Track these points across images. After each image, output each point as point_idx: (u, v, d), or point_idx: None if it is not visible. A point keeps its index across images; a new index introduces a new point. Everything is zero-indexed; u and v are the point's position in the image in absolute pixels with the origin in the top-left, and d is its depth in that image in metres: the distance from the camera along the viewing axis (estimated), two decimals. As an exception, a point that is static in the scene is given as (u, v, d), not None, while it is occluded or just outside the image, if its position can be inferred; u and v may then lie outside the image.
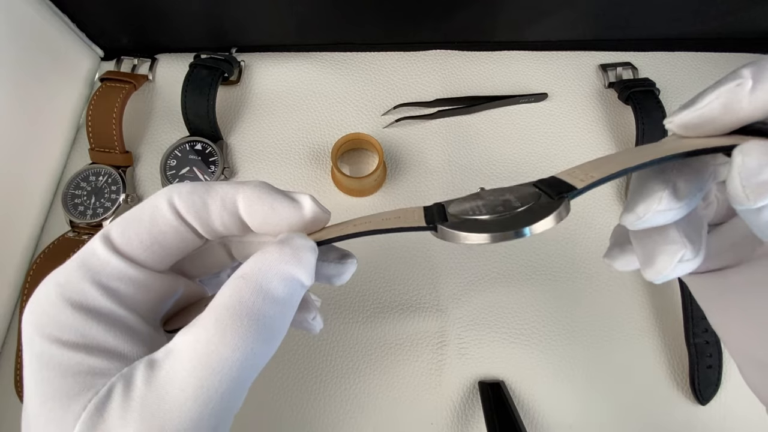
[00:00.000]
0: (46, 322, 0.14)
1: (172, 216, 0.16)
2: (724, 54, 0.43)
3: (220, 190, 0.16)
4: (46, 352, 0.14)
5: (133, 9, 0.38)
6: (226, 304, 0.14)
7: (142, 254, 0.16)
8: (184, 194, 0.16)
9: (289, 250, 0.15)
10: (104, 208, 0.37)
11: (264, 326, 0.14)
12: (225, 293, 0.15)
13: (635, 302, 0.35)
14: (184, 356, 0.14)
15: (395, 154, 0.39)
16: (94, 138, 0.38)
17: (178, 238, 0.16)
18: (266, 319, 0.14)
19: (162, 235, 0.16)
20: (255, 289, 0.14)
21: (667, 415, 0.33)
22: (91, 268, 0.15)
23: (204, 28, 0.41)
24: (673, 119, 0.15)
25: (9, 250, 0.35)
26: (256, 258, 0.15)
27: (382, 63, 0.42)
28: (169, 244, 0.16)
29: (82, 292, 0.15)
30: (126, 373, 0.14)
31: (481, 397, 0.32)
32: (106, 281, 0.15)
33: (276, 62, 0.42)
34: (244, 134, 0.40)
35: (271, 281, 0.15)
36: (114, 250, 0.16)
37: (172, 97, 0.41)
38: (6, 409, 0.33)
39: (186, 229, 0.16)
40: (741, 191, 0.13)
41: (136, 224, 0.16)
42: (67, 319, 0.14)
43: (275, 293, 0.15)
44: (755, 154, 0.12)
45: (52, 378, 0.14)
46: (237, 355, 0.14)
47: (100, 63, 0.43)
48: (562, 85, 0.42)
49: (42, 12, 0.36)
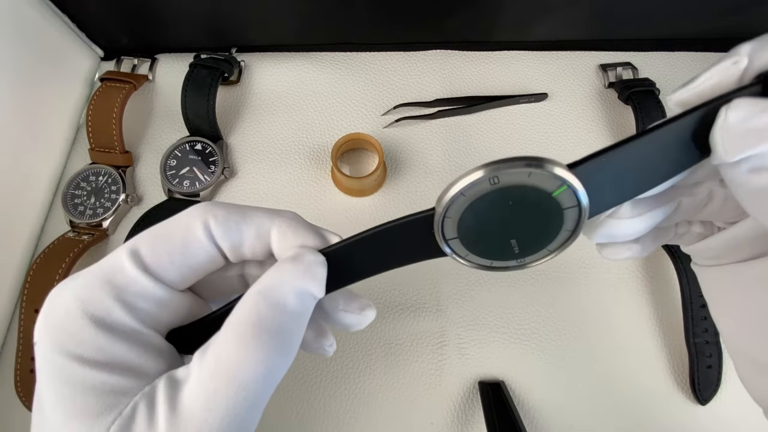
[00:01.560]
0: (67, 339, 0.14)
1: (206, 239, 0.16)
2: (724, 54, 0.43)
3: (256, 218, 0.16)
4: (67, 369, 0.14)
5: (133, 9, 0.38)
6: (245, 320, 0.14)
7: (170, 274, 0.16)
8: (220, 218, 0.16)
9: (302, 266, 0.15)
10: (104, 208, 0.37)
11: (282, 341, 0.14)
12: (244, 309, 0.15)
13: (635, 302, 0.35)
14: (207, 375, 0.14)
15: (395, 154, 0.39)
16: (94, 138, 0.38)
17: (207, 260, 0.16)
18: (284, 333, 0.15)
19: (193, 256, 0.16)
20: (273, 305, 0.15)
21: (667, 415, 0.33)
22: (117, 285, 0.15)
23: (204, 28, 0.41)
24: (671, 97, 0.15)
25: (9, 250, 0.35)
26: (272, 274, 0.15)
27: (382, 63, 0.42)
28: (197, 265, 0.16)
29: (107, 309, 0.15)
30: (148, 392, 0.14)
31: (481, 397, 0.32)
32: (132, 299, 0.15)
33: (276, 62, 0.42)
34: (244, 134, 0.40)
35: (287, 296, 0.15)
36: (143, 268, 0.15)
37: (172, 97, 0.41)
38: (6, 409, 0.33)
39: (216, 252, 0.16)
40: (720, 145, 0.13)
41: (168, 243, 0.16)
42: (89, 337, 0.14)
43: (291, 308, 0.15)
44: (741, 107, 0.12)
45: (74, 396, 0.14)
46: (260, 370, 0.14)
47: (100, 63, 0.43)
48: (562, 85, 0.42)
49: (42, 12, 0.36)
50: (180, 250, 0.16)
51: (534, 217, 0.15)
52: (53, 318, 0.15)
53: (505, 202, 0.14)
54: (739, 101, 0.13)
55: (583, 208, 0.15)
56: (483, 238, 0.16)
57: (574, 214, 0.15)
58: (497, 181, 0.14)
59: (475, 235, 0.15)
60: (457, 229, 0.15)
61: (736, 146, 0.13)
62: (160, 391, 0.14)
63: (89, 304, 0.15)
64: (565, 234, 0.16)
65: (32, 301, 0.33)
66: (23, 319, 0.33)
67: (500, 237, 0.16)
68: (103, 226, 0.37)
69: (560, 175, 0.14)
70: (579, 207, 0.15)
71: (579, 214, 0.15)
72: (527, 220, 0.15)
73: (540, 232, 0.15)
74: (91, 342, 0.14)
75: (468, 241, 0.16)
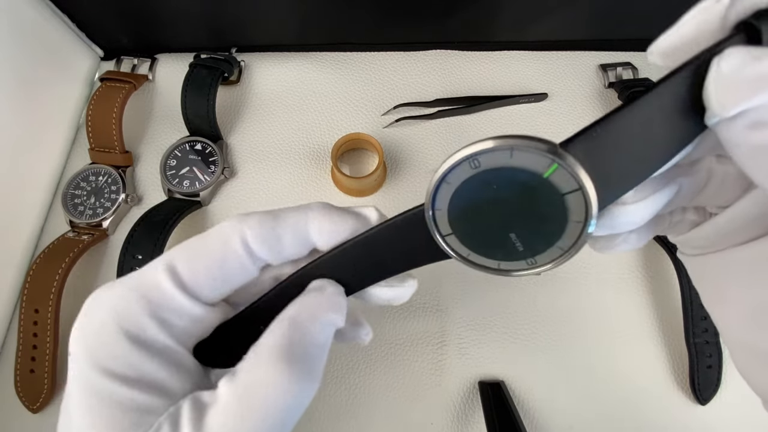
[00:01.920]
0: (101, 352, 0.14)
1: (244, 252, 0.16)
2: None
3: (289, 218, 0.16)
4: (97, 382, 0.14)
5: (133, 9, 0.38)
6: (275, 347, 0.14)
7: (207, 290, 0.16)
8: (255, 228, 0.16)
9: (327, 298, 0.16)
10: (104, 208, 0.37)
11: (310, 369, 0.15)
12: (274, 336, 0.15)
13: (635, 302, 0.35)
14: (234, 400, 0.14)
15: (395, 154, 0.39)
16: (94, 138, 0.38)
17: (245, 273, 0.16)
18: (311, 361, 0.15)
19: (231, 271, 0.16)
20: (301, 334, 0.15)
21: (667, 415, 0.33)
22: (152, 301, 0.15)
23: (204, 28, 0.41)
24: (652, 48, 0.14)
25: (9, 250, 0.35)
26: (300, 304, 0.16)
27: (382, 63, 0.42)
28: (234, 279, 0.16)
29: (141, 326, 0.15)
30: (173, 413, 0.14)
31: (481, 397, 0.32)
32: (167, 317, 0.15)
33: (276, 62, 0.42)
34: (244, 134, 0.40)
35: (314, 326, 0.15)
36: (181, 286, 0.15)
37: (172, 97, 0.41)
38: (6, 409, 0.33)
39: (252, 263, 0.16)
40: (714, 99, 0.12)
41: (206, 260, 0.16)
42: (122, 353, 0.14)
43: (318, 337, 0.15)
44: (735, 55, 0.11)
45: (101, 409, 0.14)
46: (288, 398, 0.14)
47: (100, 63, 0.43)
48: (562, 85, 0.42)
49: (42, 12, 0.36)
50: (219, 267, 0.16)
51: (529, 205, 0.14)
52: (89, 329, 0.15)
53: (490, 187, 0.13)
54: (731, 50, 0.12)
55: (586, 191, 0.13)
56: (479, 232, 0.15)
57: (578, 200, 0.13)
58: (478, 164, 0.13)
59: (469, 228, 0.15)
60: (449, 223, 0.15)
61: (731, 98, 0.11)
62: (185, 413, 0.14)
63: (124, 319, 0.15)
64: (575, 227, 0.14)
65: (32, 301, 0.33)
66: (23, 319, 0.33)
67: (498, 231, 0.14)
68: (103, 226, 0.37)
69: (543, 149, 0.12)
70: (582, 191, 0.13)
71: (584, 199, 0.13)
72: (523, 210, 0.14)
73: (540, 222, 0.14)
74: (123, 358, 0.14)
75: (465, 237, 0.15)
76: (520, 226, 0.14)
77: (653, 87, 0.13)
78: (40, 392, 0.32)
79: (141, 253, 0.33)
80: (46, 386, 0.32)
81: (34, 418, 0.33)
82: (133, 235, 0.33)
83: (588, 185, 0.13)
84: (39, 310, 0.33)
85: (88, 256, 0.36)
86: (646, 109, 0.13)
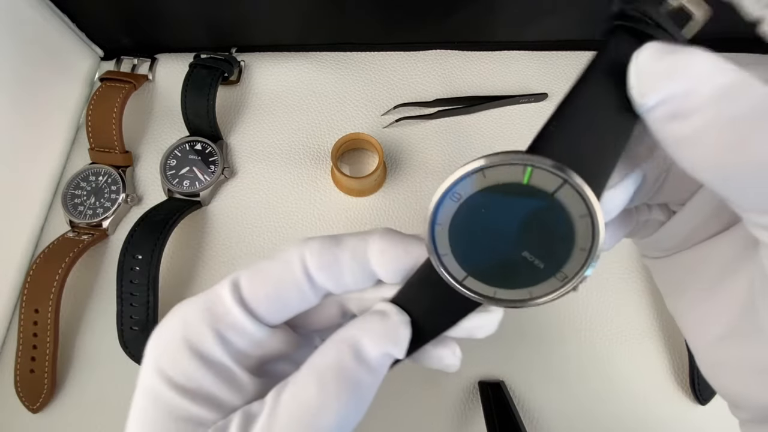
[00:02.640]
0: (164, 359, 0.15)
1: (303, 277, 0.16)
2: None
3: (350, 241, 0.16)
4: (156, 387, 0.15)
5: (133, 9, 0.38)
6: (328, 367, 0.14)
7: (264, 309, 0.16)
8: (315, 249, 0.16)
9: (389, 325, 0.15)
10: (104, 208, 0.37)
11: (360, 395, 0.15)
12: (327, 356, 0.15)
13: (635, 302, 0.35)
14: (283, 417, 0.14)
15: (395, 154, 0.39)
16: (93, 138, 0.38)
17: (302, 299, 0.16)
18: (362, 388, 0.15)
19: (289, 295, 0.16)
20: (355, 358, 0.15)
21: (667, 415, 0.33)
22: (214, 313, 0.15)
23: (204, 28, 0.41)
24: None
25: (9, 250, 0.35)
26: (359, 325, 0.15)
27: (382, 63, 0.42)
28: (292, 304, 0.16)
29: (201, 337, 0.15)
30: (222, 427, 0.14)
31: (481, 397, 0.32)
32: (225, 331, 0.15)
33: (276, 62, 0.42)
34: (244, 134, 0.40)
35: (370, 352, 0.15)
36: (239, 300, 0.15)
37: (172, 97, 0.41)
38: (6, 409, 0.33)
39: (310, 289, 0.16)
40: (635, 89, 0.12)
41: (267, 280, 0.16)
42: (182, 362, 0.15)
43: (373, 364, 0.15)
44: (651, 48, 0.12)
45: (155, 415, 0.14)
46: (335, 419, 0.14)
47: (100, 63, 0.43)
48: (562, 85, 0.42)
49: (42, 12, 0.36)
50: (276, 289, 0.16)
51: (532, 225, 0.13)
52: (163, 336, 0.15)
53: (495, 206, 0.13)
54: (648, 44, 0.12)
55: (572, 179, 0.12)
56: (478, 253, 0.14)
57: (570, 193, 0.13)
58: (459, 197, 0.13)
59: (469, 248, 0.14)
60: (449, 240, 0.14)
61: (647, 88, 0.12)
62: (233, 427, 0.14)
63: (188, 330, 0.15)
64: (584, 223, 0.13)
65: (32, 301, 0.33)
66: (23, 319, 0.33)
67: (499, 253, 0.14)
68: (103, 226, 0.37)
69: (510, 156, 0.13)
70: (568, 182, 0.13)
71: (577, 191, 0.13)
72: (526, 231, 0.13)
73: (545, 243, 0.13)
74: (182, 368, 0.15)
75: (463, 257, 0.14)
76: (524, 246, 0.14)
77: (583, 74, 0.13)
78: (40, 392, 0.32)
79: (141, 253, 0.33)
80: (46, 386, 0.32)
81: (34, 418, 0.33)
82: (133, 235, 0.33)
83: (571, 175, 0.13)
84: (39, 310, 0.33)
85: (88, 256, 0.36)
86: (586, 95, 0.13)
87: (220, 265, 0.36)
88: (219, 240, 0.37)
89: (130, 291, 0.33)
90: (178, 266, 0.36)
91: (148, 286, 0.32)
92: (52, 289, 0.33)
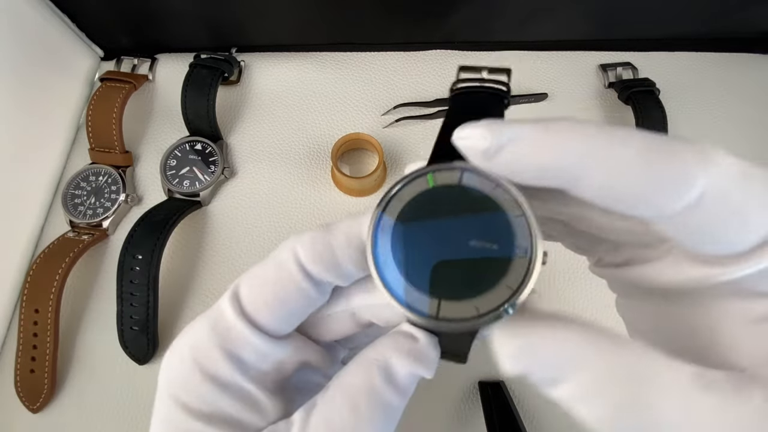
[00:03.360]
0: (178, 385, 0.15)
1: (299, 273, 0.15)
2: (724, 54, 0.43)
3: (341, 226, 0.15)
4: (173, 415, 0.14)
5: (133, 9, 0.38)
6: (360, 389, 0.14)
7: (269, 319, 0.15)
8: (306, 242, 0.15)
9: (419, 347, 0.15)
10: (104, 208, 0.37)
11: (390, 416, 0.14)
12: (357, 377, 0.14)
13: (635, 302, 0.35)
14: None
15: (395, 154, 0.39)
16: (94, 138, 0.38)
17: (304, 298, 0.15)
18: (392, 409, 0.14)
19: (289, 296, 0.15)
20: (386, 380, 0.14)
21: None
22: (219, 331, 0.15)
23: (204, 28, 0.41)
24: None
25: (9, 250, 0.35)
26: (388, 345, 0.15)
27: (382, 63, 0.42)
28: (295, 306, 0.15)
29: (212, 359, 0.15)
30: None
31: (481, 397, 0.32)
32: (232, 348, 0.15)
33: (276, 62, 0.42)
34: (244, 134, 0.40)
35: (399, 373, 0.14)
36: (241, 313, 0.15)
37: (172, 97, 0.41)
38: (6, 409, 0.33)
39: (311, 285, 0.15)
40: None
41: (264, 285, 0.15)
42: (196, 386, 0.14)
43: (402, 385, 0.15)
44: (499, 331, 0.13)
45: None
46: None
47: (100, 63, 0.43)
48: (562, 85, 0.42)
49: (42, 12, 0.36)
50: (274, 292, 0.15)
51: (472, 228, 0.13)
52: (171, 362, 0.15)
53: (439, 208, 0.13)
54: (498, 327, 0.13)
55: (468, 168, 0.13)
56: (423, 259, 0.13)
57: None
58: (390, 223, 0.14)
59: (413, 254, 0.13)
60: (391, 246, 0.14)
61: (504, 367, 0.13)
62: None
63: (198, 352, 0.15)
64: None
65: (32, 301, 0.33)
66: (23, 319, 0.33)
67: (444, 258, 0.13)
68: (103, 226, 0.37)
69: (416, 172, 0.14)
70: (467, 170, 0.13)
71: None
72: (465, 234, 0.13)
73: (484, 251, 0.13)
74: (197, 393, 0.14)
75: (406, 266, 0.14)
76: (464, 248, 0.13)
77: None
78: (40, 392, 0.32)
79: (141, 253, 0.33)
80: (46, 386, 0.32)
81: (34, 418, 0.33)
82: (133, 235, 0.33)
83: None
84: (39, 310, 0.33)
85: (88, 256, 0.36)
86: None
87: (220, 265, 0.36)
88: (219, 240, 0.37)
89: (130, 291, 0.33)
90: (178, 266, 0.36)
91: (148, 286, 0.32)
92: (52, 289, 0.33)
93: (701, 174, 0.11)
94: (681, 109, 0.40)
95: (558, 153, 0.12)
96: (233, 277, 0.36)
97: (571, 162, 0.12)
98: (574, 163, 0.12)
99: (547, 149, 0.12)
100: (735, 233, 0.11)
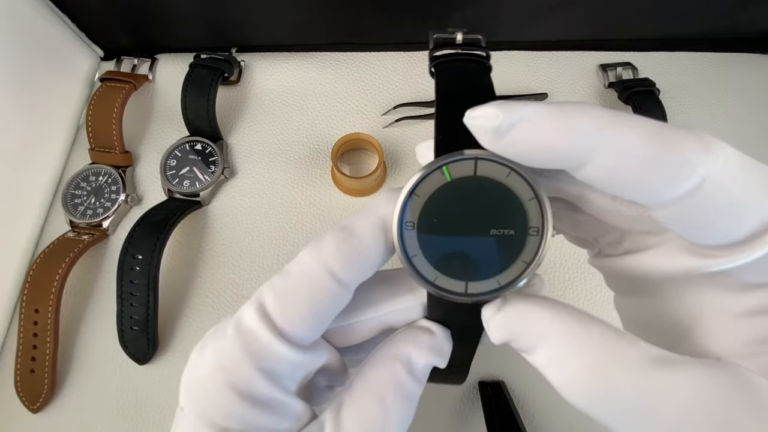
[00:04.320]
0: (213, 410, 0.15)
1: (333, 282, 0.15)
2: (724, 54, 0.43)
3: (360, 222, 0.15)
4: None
5: (133, 9, 0.38)
6: (386, 384, 0.15)
7: (302, 333, 0.15)
8: (332, 252, 0.15)
9: (436, 339, 0.16)
10: (104, 208, 0.37)
11: (412, 405, 0.16)
12: (383, 372, 0.15)
13: (635, 302, 0.35)
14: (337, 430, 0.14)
15: (395, 154, 0.39)
16: (94, 138, 0.38)
17: (335, 303, 0.15)
18: (414, 398, 0.16)
19: (322, 306, 0.15)
20: (408, 372, 0.15)
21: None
22: (253, 351, 0.15)
23: (204, 28, 0.41)
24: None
25: (9, 250, 0.35)
26: (407, 340, 0.16)
27: (382, 63, 0.42)
28: (328, 313, 0.15)
29: (248, 379, 0.15)
30: None
31: (481, 397, 0.32)
32: (269, 366, 0.15)
33: (276, 62, 0.42)
34: (244, 134, 0.40)
35: (419, 365, 0.16)
36: (275, 331, 0.15)
37: (172, 97, 0.41)
38: (6, 409, 0.33)
39: (342, 290, 0.15)
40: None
41: (296, 299, 0.15)
42: (234, 409, 0.14)
43: (421, 376, 0.16)
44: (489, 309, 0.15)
45: None
46: (386, 430, 0.15)
47: (100, 63, 0.43)
48: (562, 85, 0.42)
49: (42, 12, 0.36)
50: (309, 305, 0.15)
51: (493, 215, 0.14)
52: (199, 386, 0.15)
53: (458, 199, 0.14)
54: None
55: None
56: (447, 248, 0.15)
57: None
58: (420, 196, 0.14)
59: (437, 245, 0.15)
60: (418, 241, 0.14)
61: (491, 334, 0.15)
62: None
63: (233, 375, 0.15)
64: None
65: (32, 301, 0.33)
66: (23, 319, 0.33)
67: (466, 246, 0.14)
68: (103, 226, 0.37)
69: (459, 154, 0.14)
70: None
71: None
72: (488, 221, 0.14)
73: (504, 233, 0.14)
74: (235, 414, 0.14)
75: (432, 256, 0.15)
76: (486, 237, 0.14)
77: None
78: (40, 392, 0.32)
79: (141, 253, 0.33)
80: (46, 386, 0.32)
81: (34, 418, 0.33)
82: (133, 235, 0.33)
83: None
84: (39, 310, 0.33)
85: (88, 256, 0.36)
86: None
87: (220, 265, 0.36)
88: (219, 240, 0.37)
89: (130, 291, 0.33)
90: (178, 266, 0.36)
91: (148, 286, 0.33)
92: (52, 289, 0.33)
93: (701, 162, 0.11)
94: (681, 109, 0.40)
95: (568, 133, 0.12)
96: (233, 277, 0.37)
97: (579, 143, 0.12)
98: (583, 144, 0.12)
99: (558, 129, 0.12)
100: (729, 223, 0.12)
